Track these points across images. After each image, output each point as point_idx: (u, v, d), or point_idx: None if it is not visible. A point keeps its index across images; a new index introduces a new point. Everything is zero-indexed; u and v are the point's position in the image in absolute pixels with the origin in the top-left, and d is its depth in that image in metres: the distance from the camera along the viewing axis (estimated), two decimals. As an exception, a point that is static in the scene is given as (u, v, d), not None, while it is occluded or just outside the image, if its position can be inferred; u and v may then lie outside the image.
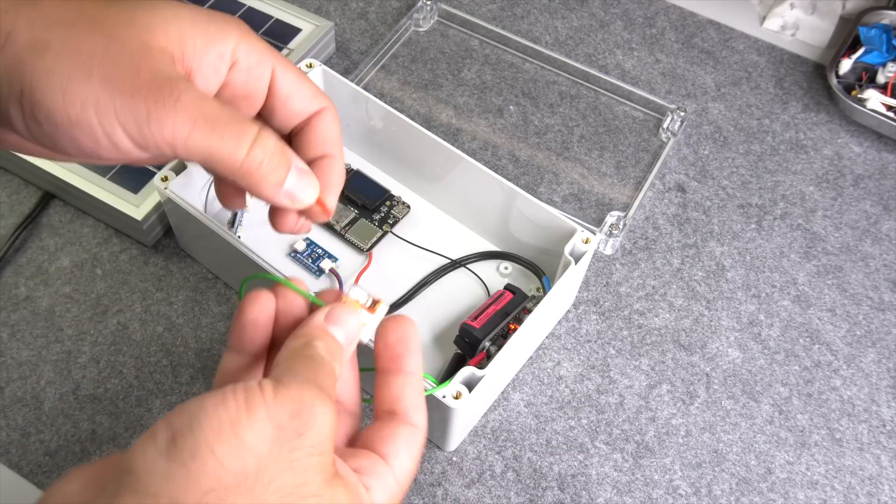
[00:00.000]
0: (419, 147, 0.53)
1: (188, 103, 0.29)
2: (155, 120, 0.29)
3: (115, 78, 0.29)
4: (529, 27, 0.70)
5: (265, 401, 0.26)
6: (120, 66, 0.29)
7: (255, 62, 0.33)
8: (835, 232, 0.59)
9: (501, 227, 0.53)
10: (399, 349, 0.33)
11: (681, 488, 0.48)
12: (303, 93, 0.35)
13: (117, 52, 0.29)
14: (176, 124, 0.29)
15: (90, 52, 0.29)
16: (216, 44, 0.32)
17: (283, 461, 0.26)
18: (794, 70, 0.68)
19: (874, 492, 0.48)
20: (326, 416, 0.27)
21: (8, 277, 0.53)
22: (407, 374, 0.33)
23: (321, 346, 0.30)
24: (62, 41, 0.29)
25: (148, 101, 0.29)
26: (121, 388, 0.49)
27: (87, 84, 0.28)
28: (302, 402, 0.27)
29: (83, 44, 0.29)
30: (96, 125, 0.29)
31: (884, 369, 0.53)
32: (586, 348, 0.53)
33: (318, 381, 0.28)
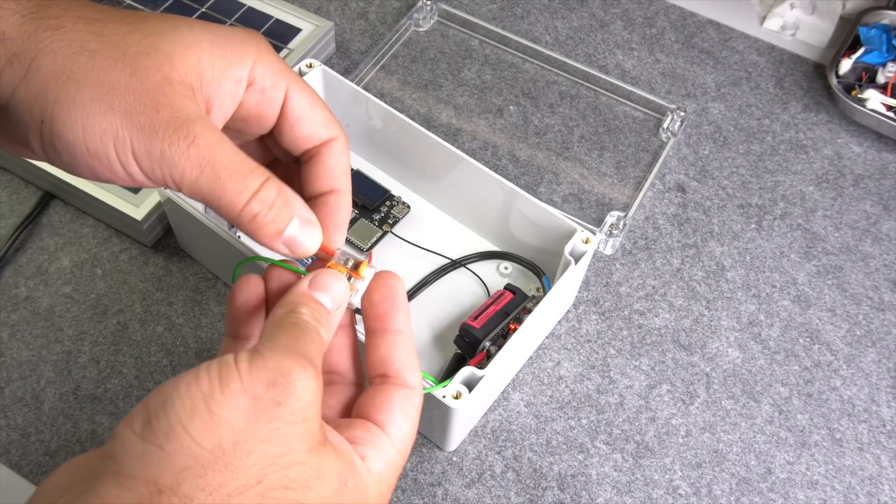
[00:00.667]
0: (419, 147, 0.53)
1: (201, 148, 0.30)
2: (167, 160, 0.29)
3: (134, 113, 0.29)
4: (529, 27, 0.70)
5: (239, 374, 0.26)
6: (140, 102, 0.29)
7: (270, 84, 0.33)
8: (835, 232, 0.59)
9: (501, 227, 0.53)
10: (384, 307, 0.32)
11: (681, 488, 0.48)
12: (314, 118, 0.34)
13: (138, 85, 0.29)
14: (185, 169, 0.30)
15: (112, 85, 0.29)
16: (234, 68, 0.32)
17: (261, 432, 0.26)
18: (794, 70, 0.68)
19: (874, 492, 0.48)
20: (306, 382, 0.27)
21: (8, 277, 0.53)
22: (395, 333, 0.32)
23: (306, 312, 0.30)
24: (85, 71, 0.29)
25: (164, 143, 0.29)
26: (121, 388, 0.49)
27: (108, 117, 0.29)
28: (279, 371, 0.27)
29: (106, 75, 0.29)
30: (114, 157, 0.30)
31: (884, 369, 0.53)
32: (586, 348, 0.53)
33: (299, 348, 0.28)
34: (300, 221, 0.32)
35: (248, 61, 0.32)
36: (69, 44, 0.29)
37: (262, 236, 0.32)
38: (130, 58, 0.30)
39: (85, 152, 0.29)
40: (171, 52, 0.30)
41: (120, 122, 0.29)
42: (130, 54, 0.30)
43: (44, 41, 0.29)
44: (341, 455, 0.28)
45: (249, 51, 0.32)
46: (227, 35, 0.32)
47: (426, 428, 0.48)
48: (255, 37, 0.33)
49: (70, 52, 0.29)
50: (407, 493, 0.47)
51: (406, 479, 0.47)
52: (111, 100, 0.29)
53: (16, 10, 0.29)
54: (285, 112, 0.34)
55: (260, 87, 0.33)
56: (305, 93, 0.34)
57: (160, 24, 0.31)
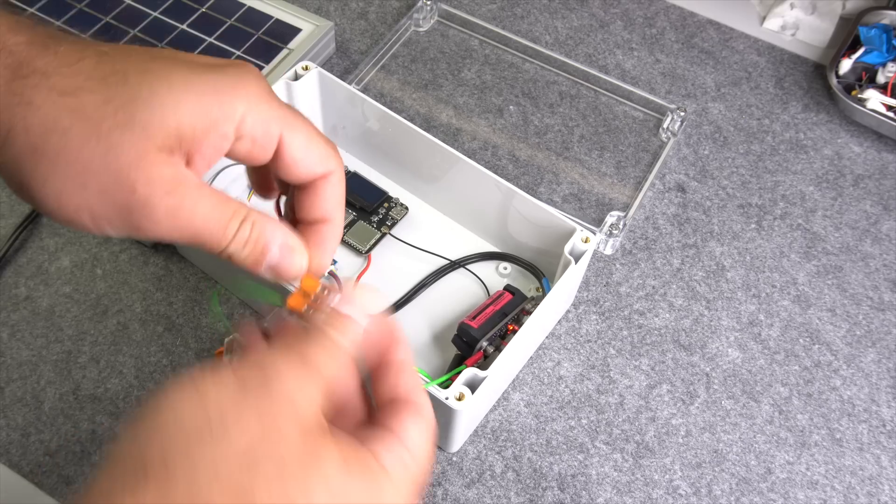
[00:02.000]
0: (416, 148, 0.53)
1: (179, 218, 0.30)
2: (145, 231, 0.31)
3: (109, 192, 0.29)
4: (529, 27, 0.70)
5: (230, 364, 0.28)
6: (115, 182, 0.29)
7: (262, 133, 0.33)
8: (835, 232, 0.59)
9: (501, 228, 0.53)
10: (384, 342, 0.33)
11: (681, 488, 0.48)
12: (309, 159, 0.34)
13: (113, 163, 0.29)
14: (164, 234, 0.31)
15: (86, 164, 0.29)
16: (219, 125, 0.31)
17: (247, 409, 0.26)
18: (794, 70, 0.68)
19: (874, 492, 0.48)
20: (294, 370, 0.28)
21: (8, 277, 0.53)
22: (398, 363, 0.33)
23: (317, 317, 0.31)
24: (57, 150, 0.29)
25: (140, 219, 0.30)
26: (121, 388, 0.49)
27: (82, 195, 0.29)
28: (265, 359, 0.28)
29: (79, 153, 0.29)
30: (90, 225, 0.30)
31: (884, 369, 0.53)
32: (586, 348, 0.53)
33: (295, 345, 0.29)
34: (280, 250, 0.33)
35: (236, 115, 0.32)
36: (41, 121, 0.29)
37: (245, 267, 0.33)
38: (105, 134, 0.29)
39: (63, 220, 0.30)
40: (149, 121, 0.30)
41: (95, 199, 0.30)
42: (105, 129, 0.29)
43: (16, 117, 0.29)
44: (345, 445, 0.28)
45: (238, 104, 0.32)
46: (216, 86, 0.31)
47: (426, 428, 0.48)
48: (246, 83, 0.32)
49: (42, 131, 0.29)
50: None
51: (406, 480, 0.47)
52: (84, 179, 0.29)
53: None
54: (279, 155, 0.34)
55: (250, 138, 0.33)
56: (301, 134, 0.34)
57: (139, 88, 0.30)
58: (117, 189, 0.29)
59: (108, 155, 0.29)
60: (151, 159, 0.30)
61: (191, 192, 0.31)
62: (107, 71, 0.30)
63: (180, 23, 0.65)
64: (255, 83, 0.33)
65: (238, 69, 0.33)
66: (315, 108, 0.57)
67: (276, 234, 0.33)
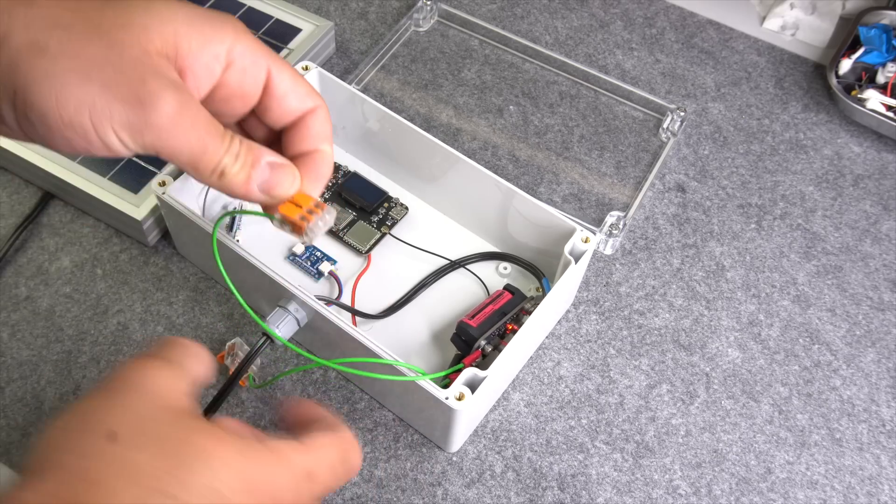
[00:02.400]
0: (416, 148, 0.53)
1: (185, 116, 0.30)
2: (151, 129, 0.30)
3: (114, 85, 0.29)
4: (529, 27, 0.70)
5: None
6: (121, 74, 0.29)
7: (251, 63, 0.34)
8: (835, 232, 0.59)
9: (501, 228, 0.53)
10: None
11: (681, 488, 0.48)
12: (298, 92, 0.36)
13: (117, 58, 0.29)
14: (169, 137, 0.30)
15: (90, 58, 0.29)
16: (211, 44, 0.32)
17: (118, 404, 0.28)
18: (794, 70, 0.68)
19: (874, 492, 0.48)
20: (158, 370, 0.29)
21: (8, 277, 0.53)
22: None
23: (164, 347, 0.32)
24: (60, 44, 0.29)
25: (148, 113, 0.29)
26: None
27: (84, 88, 0.29)
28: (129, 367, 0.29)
29: (82, 48, 0.29)
30: (90, 128, 0.29)
31: (884, 369, 0.53)
32: (586, 348, 0.53)
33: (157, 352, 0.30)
34: (269, 166, 0.34)
35: (227, 39, 0.32)
36: (43, 18, 0.29)
37: (235, 187, 0.33)
38: (106, 31, 0.29)
39: (59, 123, 0.29)
40: (148, 24, 0.30)
41: (98, 92, 0.29)
42: (106, 27, 0.30)
43: (16, 16, 0.29)
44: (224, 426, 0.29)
45: (227, 30, 0.33)
46: (206, 14, 0.32)
47: (428, 429, 0.48)
48: (231, 19, 0.34)
49: (44, 26, 0.29)
50: (407, 493, 0.47)
51: (406, 479, 0.47)
52: (88, 71, 0.29)
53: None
54: (269, 89, 0.35)
55: (241, 67, 0.33)
56: (286, 70, 0.35)
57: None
58: (123, 81, 0.29)
59: (111, 50, 0.29)
60: (154, 59, 0.30)
61: (192, 98, 0.31)
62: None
63: (180, 23, 0.65)
64: (239, 23, 0.34)
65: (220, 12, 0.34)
66: (315, 108, 0.57)
67: (262, 151, 0.34)
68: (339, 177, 0.57)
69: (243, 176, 0.33)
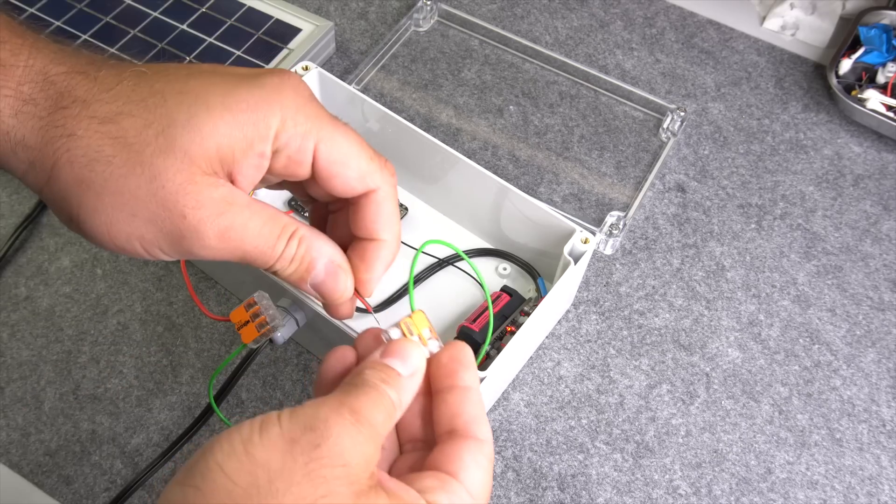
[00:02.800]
0: (416, 148, 0.53)
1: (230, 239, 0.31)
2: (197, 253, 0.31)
3: (159, 220, 0.30)
4: (529, 27, 0.70)
5: (279, 421, 0.27)
6: (164, 209, 0.29)
7: (297, 148, 0.32)
8: (835, 232, 0.59)
9: (500, 228, 0.53)
10: (452, 366, 0.33)
11: (681, 488, 0.48)
12: (347, 175, 0.34)
13: (160, 190, 0.29)
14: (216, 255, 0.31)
15: (133, 193, 0.29)
16: (256, 144, 0.31)
17: (298, 472, 0.26)
18: (794, 70, 0.68)
19: (874, 492, 0.48)
20: (344, 428, 0.27)
21: (8, 277, 0.53)
22: (463, 389, 0.32)
23: (369, 374, 0.30)
24: (104, 179, 0.29)
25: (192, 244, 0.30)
26: (121, 388, 0.49)
27: (132, 223, 0.30)
28: (316, 417, 0.27)
29: (125, 182, 0.29)
30: (141, 252, 0.31)
31: (884, 369, 0.53)
32: (586, 348, 0.53)
33: (346, 400, 0.28)
34: (325, 268, 0.33)
35: (271, 132, 0.31)
36: (84, 152, 0.29)
37: (290, 283, 0.33)
38: (148, 161, 0.29)
39: (113, 247, 0.31)
40: (189, 146, 0.30)
41: (144, 227, 0.30)
42: (147, 156, 0.29)
43: (60, 150, 0.29)
44: (399, 500, 0.28)
45: (272, 120, 0.31)
46: (251, 102, 0.31)
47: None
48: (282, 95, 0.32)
49: (86, 161, 0.29)
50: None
51: (406, 480, 0.47)
52: (133, 207, 0.29)
53: (34, 113, 0.29)
54: (316, 170, 0.33)
55: (286, 154, 0.32)
56: (338, 147, 0.33)
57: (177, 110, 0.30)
58: (167, 216, 0.29)
59: (153, 182, 0.29)
60: (198, 183, 0.30)
61: (241, 212, 0.31)
62: (145, 93, 0.30)
63: (180, 23, 0.65)
64: (293, 93, 0.32)
65: (277, 78, 0.32)
66: (315, 108, 0.57)
67: (322, 251, 0.33)
68: (339, 177, 0.57)
69: (297, 277, 0.33)
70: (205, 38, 0.64)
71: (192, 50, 0.63)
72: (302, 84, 0.33)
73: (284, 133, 0.32)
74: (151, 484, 0.46)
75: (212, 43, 0.64)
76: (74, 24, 0.64)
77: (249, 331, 0.40)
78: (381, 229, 0.35)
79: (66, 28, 0.64)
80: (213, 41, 0.64)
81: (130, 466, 0.47)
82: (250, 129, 0.31)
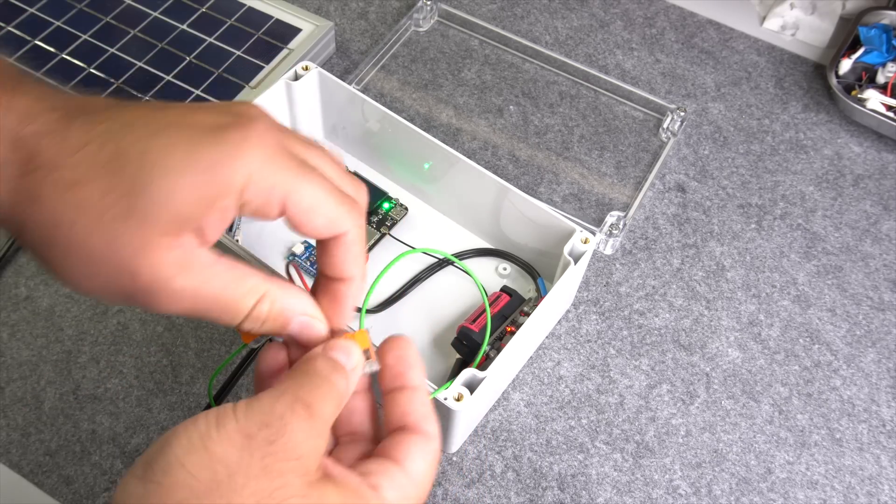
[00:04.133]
0: (416, 149, 0.53)
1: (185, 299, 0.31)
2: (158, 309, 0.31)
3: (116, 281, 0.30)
4: (529, 27, 0.70)
5: (235, 416, 0.28)
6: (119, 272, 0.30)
7: (262, 202, 0.32)
8: (835, 232, 0.59)
9: (500, 228, 0.53)
10: (399, 367, 0.34)
11: (681, 488, 0.48)
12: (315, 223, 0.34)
13: (116, 255, 0.30)
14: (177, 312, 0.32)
15: (91, 254, 0.30)
16: (218, 202, 0.31)
17: (255, 467, 0.27)
18: (794, 70, 0.68)
19: (874, 492, 0.48)
20: (298, 423, 0.28)
21: (8, 277, 0.53)
22: (411, 389, 0.33)
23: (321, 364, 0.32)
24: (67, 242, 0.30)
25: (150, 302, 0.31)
26: (121, 388, 0.49)
27: (94, 280, 0.31)
28: (272, 413, 0.28)
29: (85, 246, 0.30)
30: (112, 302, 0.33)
31: (884, 369, 0.53)
32: (586, 348, 0.53)
33: (298, 392, 0.30)
34: (299, 325, 0.34)
35: (235, 189, 0.31)
36: (49, 216, 0.30)
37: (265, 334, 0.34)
38: (108, 224, 0.30)
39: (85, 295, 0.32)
40: (148, 209, 0.30)
41: (106, 286, 0.31)
42: (107, 221, 0.30)
43: (26, 214, 0.30)
44: (345, 486, 0.29)
45: (236, 178, 0.31)
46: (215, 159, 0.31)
47: (426, 428, 0.48)
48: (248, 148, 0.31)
49: (50, 226, 0.30)
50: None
51: (406, 480, 0.47)
52: (95, 268, 0.30)
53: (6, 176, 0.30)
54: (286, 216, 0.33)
55: (253, 206, 0.32)
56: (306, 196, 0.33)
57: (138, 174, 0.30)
58: (123, 276, 0.30)
59: (112, 245, 0.30)
60: (154, 246, 0.30)
61: (200, 273, 0.31)
62: (109, 155, 0.30)
63: (180, 23, 0.65)
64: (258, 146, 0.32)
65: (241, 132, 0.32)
66: (315, 109, 0.57)
67: (295, 307, 0.34)
68: (339, 177, 0.57)
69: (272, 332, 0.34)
70: (205, 38, 0.64)
71: (192, 50, 0.63)
72: (268, 132, 0.33)
73: (249, 189, 0.32)
74: (151, 484, 0.46)
75: (212, 43, 0.64)
76: (74, 24, 0.64)
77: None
78: (350, 269, 0.36)
79: (66, 28, 0.64)
80: (213, 41, 0.64)
81: (130, 466, 0.47)
82: (212, 188, 0.31)
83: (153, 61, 0.62)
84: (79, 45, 0.63)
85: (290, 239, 0.54)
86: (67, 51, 0.62)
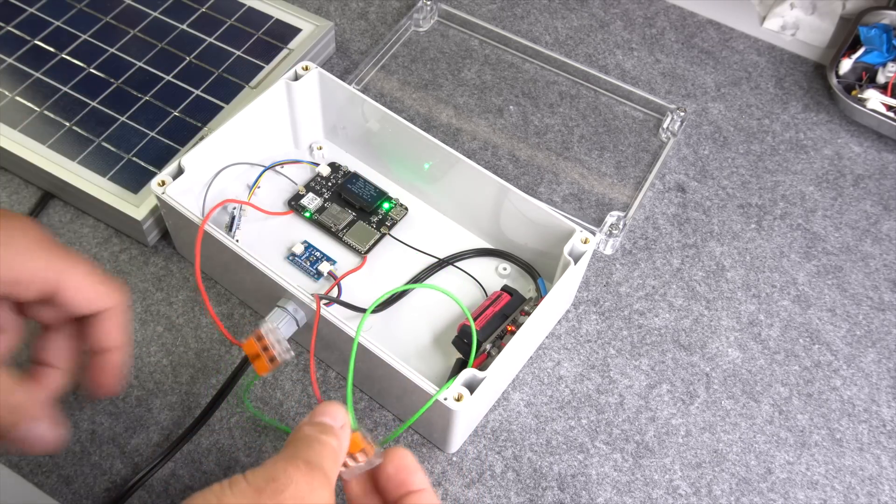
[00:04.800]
0: (416, 148, 0.53)
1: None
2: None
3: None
4: (529, 27, 0.70)
5: (245, 477, 0.31)
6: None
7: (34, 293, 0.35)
8: (835, 232, 0.59)
9: (500, 228, 0.53)
10: (402, 475, 0.37)
11: (681, 488, 0.48)
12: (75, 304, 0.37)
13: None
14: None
15: None
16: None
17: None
18: (794, 70, 0.68)
19: (874, 492, 0.48)
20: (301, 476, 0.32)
21: (8, 278, 0.53)
22: (417, 492, 0.36)
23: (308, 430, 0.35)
24: None
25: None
26: (121, 387, 0.49)
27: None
28: (276, 469, 0.32)
29: None
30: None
31: (884, 369, 0.53)
32: (586, 348, 0.53)
33: (296, 453, 0.33)
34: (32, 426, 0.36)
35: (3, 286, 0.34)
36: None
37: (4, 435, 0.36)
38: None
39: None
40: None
41: None
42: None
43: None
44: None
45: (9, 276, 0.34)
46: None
47: (426, 429, 0.48)
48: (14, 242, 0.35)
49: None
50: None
51: (406, 480, 0.47)
52: None
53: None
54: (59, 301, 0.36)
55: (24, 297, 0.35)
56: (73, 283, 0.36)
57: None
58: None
59: None
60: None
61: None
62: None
63: (180, 23, 0.65)
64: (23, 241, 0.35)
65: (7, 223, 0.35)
66: (315, 109, 0.57)
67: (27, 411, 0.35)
68: (339, 177, 0.57)
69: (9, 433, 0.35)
70: (205, 38, 0.64)
71: (193, 50, 0.63)
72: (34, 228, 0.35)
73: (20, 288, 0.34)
74: (151, 484, 0.46)
75: (212, 43, 0.64)
76: (74, 24, 0.64)
77: (261, 364, 0.42)
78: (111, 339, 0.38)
79: (66, 28, 0.64)
80: (213, 41, 0.64)
81: (130, 466, 0.47)
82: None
83: (153, 61, 0.62)
84: (79, 45, 0.63)
85: (290, 239, 0.54)
86: (67, 51, 0.62)
